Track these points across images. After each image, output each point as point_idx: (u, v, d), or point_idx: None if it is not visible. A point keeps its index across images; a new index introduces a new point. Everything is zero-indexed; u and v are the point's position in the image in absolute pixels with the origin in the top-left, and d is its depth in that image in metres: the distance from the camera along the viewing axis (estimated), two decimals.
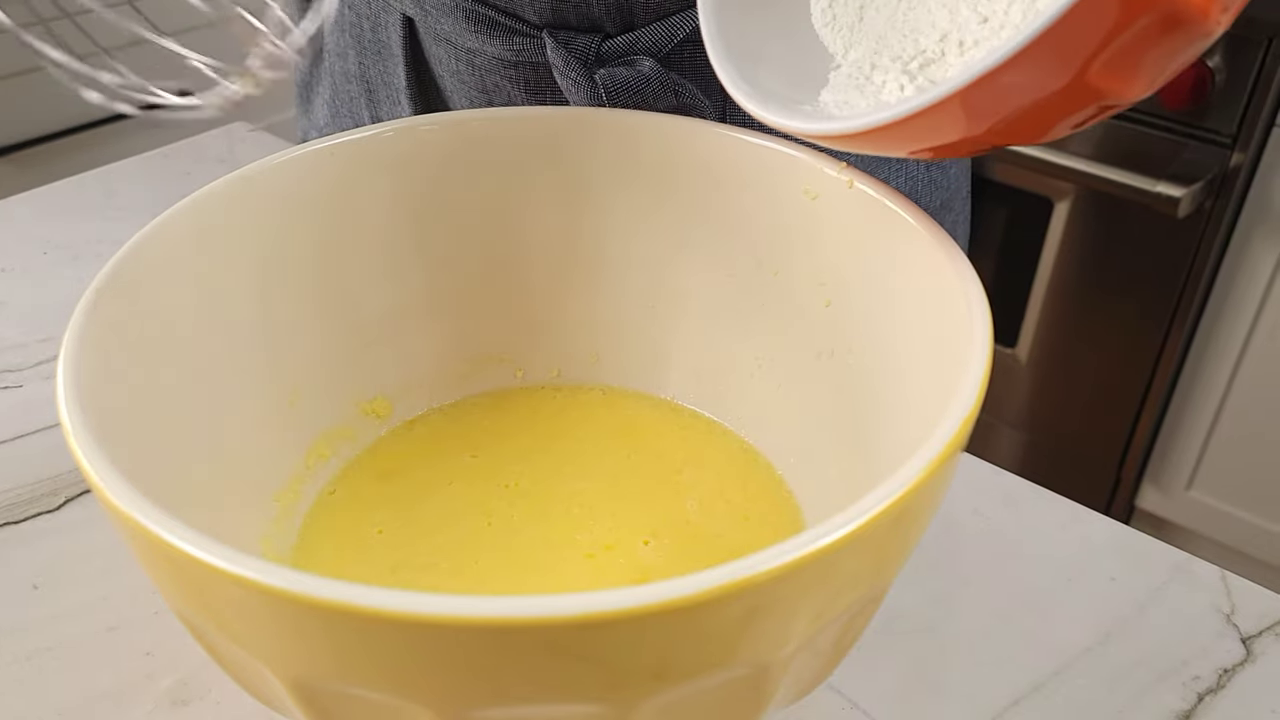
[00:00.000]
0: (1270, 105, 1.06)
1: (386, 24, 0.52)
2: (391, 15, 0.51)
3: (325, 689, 0.24)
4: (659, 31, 0.45)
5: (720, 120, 0.47)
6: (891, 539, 0.25)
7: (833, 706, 0.37)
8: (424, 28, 0.50)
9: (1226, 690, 0.37)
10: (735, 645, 0.23)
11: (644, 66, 0.45)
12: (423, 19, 0.49)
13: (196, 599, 0.24)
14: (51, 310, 0.58)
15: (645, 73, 0.45)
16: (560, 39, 0.46)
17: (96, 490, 0.24)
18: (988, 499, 0.45)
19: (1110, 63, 0.24)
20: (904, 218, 0.33)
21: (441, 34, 0.49)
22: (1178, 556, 0.43)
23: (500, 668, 0.22)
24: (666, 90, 0.45)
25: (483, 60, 0.49)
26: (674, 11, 0.46)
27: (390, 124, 0.39)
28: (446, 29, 0.48)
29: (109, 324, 0.30)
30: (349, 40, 0.55)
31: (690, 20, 0.46)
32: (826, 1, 0.35)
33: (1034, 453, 1.39)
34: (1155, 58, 0.24)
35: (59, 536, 0.43)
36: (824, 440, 0.38)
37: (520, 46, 0.47)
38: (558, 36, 0.46)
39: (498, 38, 0.47)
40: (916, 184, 0.54)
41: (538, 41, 0.46)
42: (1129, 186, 1.12)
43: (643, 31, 0.45)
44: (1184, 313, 1.19)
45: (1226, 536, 1.29)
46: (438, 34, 0.50)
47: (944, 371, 0.29)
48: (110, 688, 0.37)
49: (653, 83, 0.45)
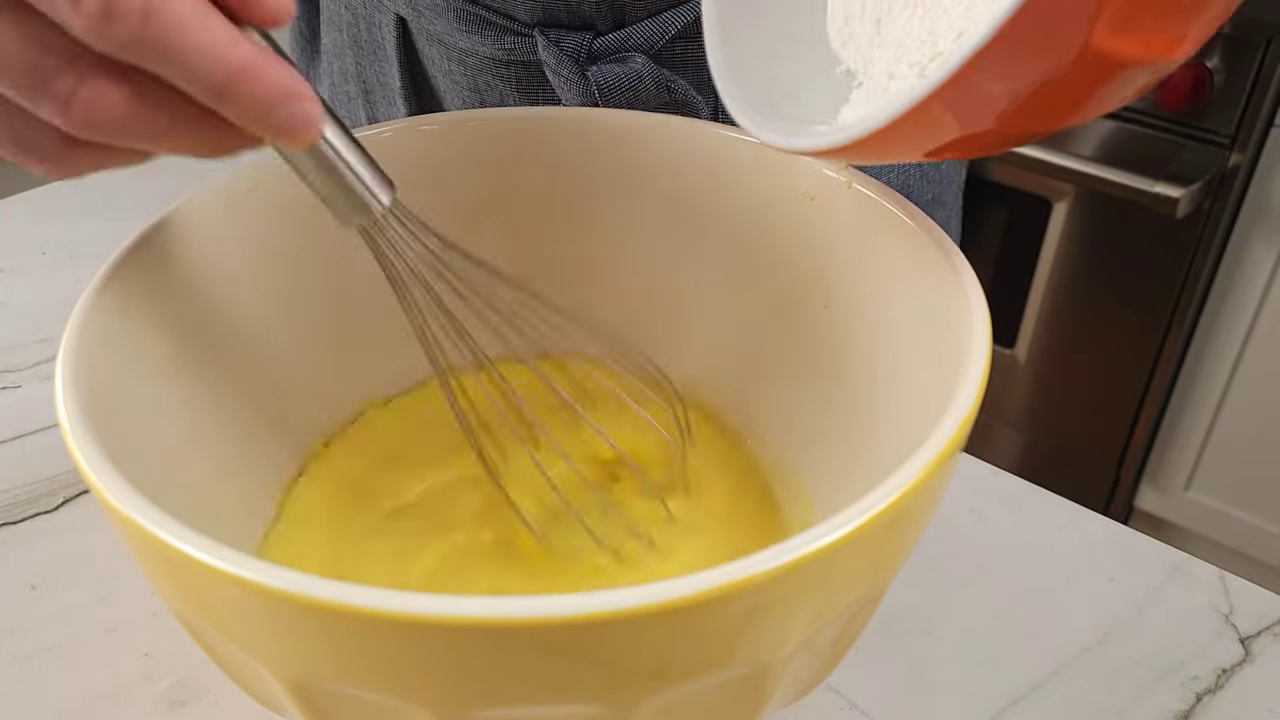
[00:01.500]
0: (1269, 105, 1.06)
1: (380, 24, 0.52)
2: (385, 15, 0.51)
3: (323, 689, 0.24)
4: (650, 28, 0.45)
5: (714, 116, 0.47)
6: (890, 539, 0.25)
7: (831, 706, 0.37)
8: (416, 28, 0.50)
9: (1225, 690, 0.37)
10: (734, 645, 0.23)
11: (636, 63, 0.45)
12: (415, 19, 0.49)
13: (194, 599, 0.24)
14: (50, 310, 0.58)
15: (638, 70, 0.45)
16: (552, 37, 0.46)
17: (95, 490, 0.24)
18: (986, 499, 0.45)
19: (1114, 24, 0.22)
20: (902, 218, 0.33)
21: (434, 34, 0.49)
22: (1176, 557, 0.43)
23: (498, 668, 0.22)
24: (660, 87, 0.45)
25: (475, 60, 0.49)
26: (666, 8, 0.45)
27: (389, 124, 0.39)
28: (439, 29, 0.48)
29: (107, 324, 0.30)
30: (346, 40, 0.55)
31: (682, 16, 0.46)
32: (842, 19, 0.34)
33: (1032, 453, 1.39)
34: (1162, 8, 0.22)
35: (57, 537, 0.43)
36: (823, 440, 0.38)
37: (512, 45, 0.47)
38: (549, 34, 0.46)
39: (490, 37, 0.47)
40: (909, 178, 0.54)
41: (529, 40, 0.46)
42: (1128, 187, 1.12)
43: (634, 28, 0.45)
44: (1183, 313, 1.19)
45: (1225, 537, 1.29)
46: (430, 34, 0.50)
47: (943, 372, 0.29)
48: (109, 688, 0.37)
49: (645, 80, 0.45)
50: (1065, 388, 1.33)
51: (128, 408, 0.29)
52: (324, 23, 0.57)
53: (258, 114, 0.24)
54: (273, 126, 0.25)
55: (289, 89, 0.24)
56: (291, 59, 0.26)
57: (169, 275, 0.33)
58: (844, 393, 0.37)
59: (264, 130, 0.25)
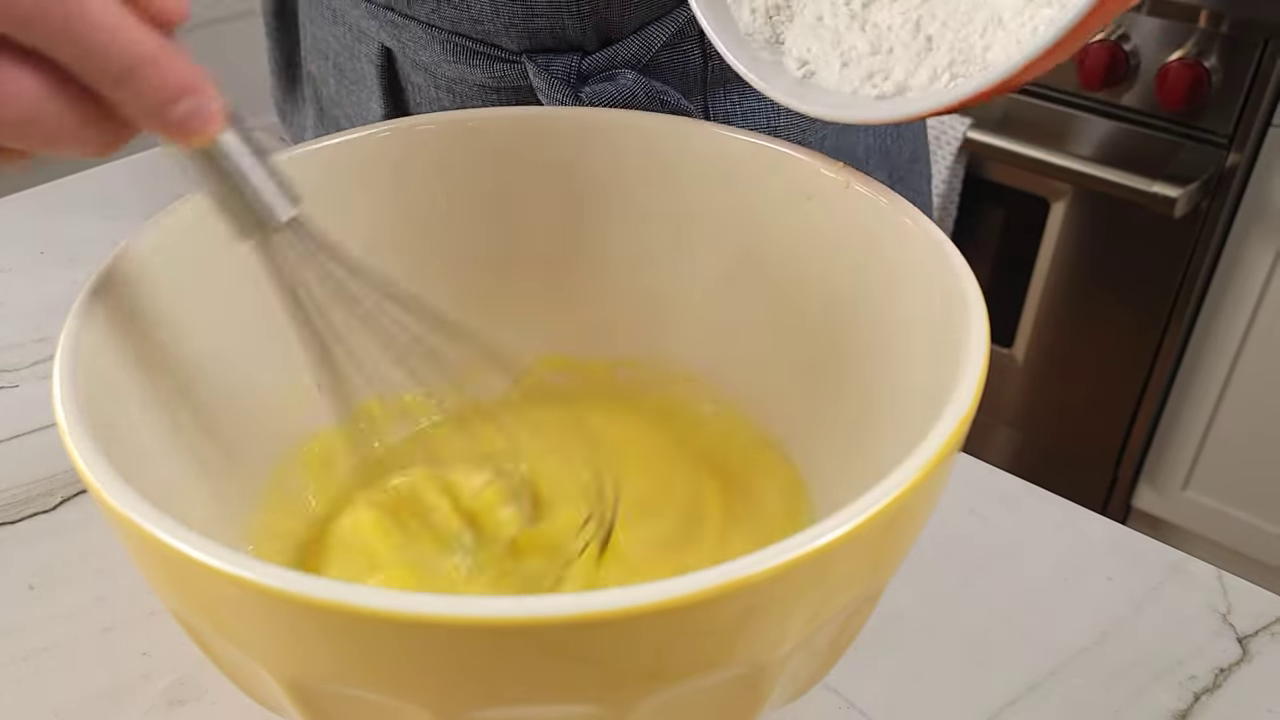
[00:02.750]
0: (1266, 105, 1.06)
1: (359, 54, 0.52)
2: (367, 45, 0.51)
3: (322, 689, 0.24)
4: (636, 43, 0.46)
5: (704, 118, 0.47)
6: (888, 539, 0.25)
7: (829, 706, 0.37)
8: (402, 57, 0.50)
9: (1223, 690, 0.37)
10: (732, 645, 0.23)
11: (627, 79, 0.45)
12: (401, 50, 0.49)
13: (193, 599, 0.24)
14: (48, 310, 0.58)
15: (629, 86, 0.45)
16: (540, 62, 0.46)
17: (92, 490, 0.24)
18: (984, 499, 0.45)
19: None
20: (901, 218, 0.33)
21: (421, 63, 0.49)
22: (1174, 556, 0.43)
23: (497, 668, 0.22)
24: (653, 100, 0.45)
25: (464, 88, 0.49)
26: (650, 20, 0.46)
27: (388, 124, 0.39)
28: (426, 59, 0.48)
29: (105, 324, 0.30)
30: (329, 68, 0.55)
31: (666, 28, 0.46)
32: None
33: (1030, 452, 1.39)
34: None
35: (55, 537, 0.43)
36: (821, 439, 0.38)
37: (502, 73, 0.47)
38: (537, 60, 0.46)
39: (479, 65, 0.47)
40: (885, 139, 0.53)
41: (519, 66, 0.47)
42: (1125, 187, 1.12)
43: (621, 45, 0.46)
44: (1180, 313, 1.19)
45: (1223, 536, 1.30)
46: (416, 63, 0.50)
47: (941, 371, 0.29)
48: (107, 688, 0.37)
49: (639, 95, 0.45)
50: (1063, 387, 1.33)
51: (126, 408, 0.29)
52: (306, 51, 0.57)
53: (156, 106, 0.24)
54: (170, 121, 0.25)
55: (190, 83, 0.24)
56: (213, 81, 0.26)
57: (167, 275, 0.33)
58: (841, 392, 0.37)
59: (161, 125, 0.25)
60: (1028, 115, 1.19)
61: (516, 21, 0.45)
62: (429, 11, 0.46)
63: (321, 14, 0.53)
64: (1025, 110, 1.19)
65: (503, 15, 0.45)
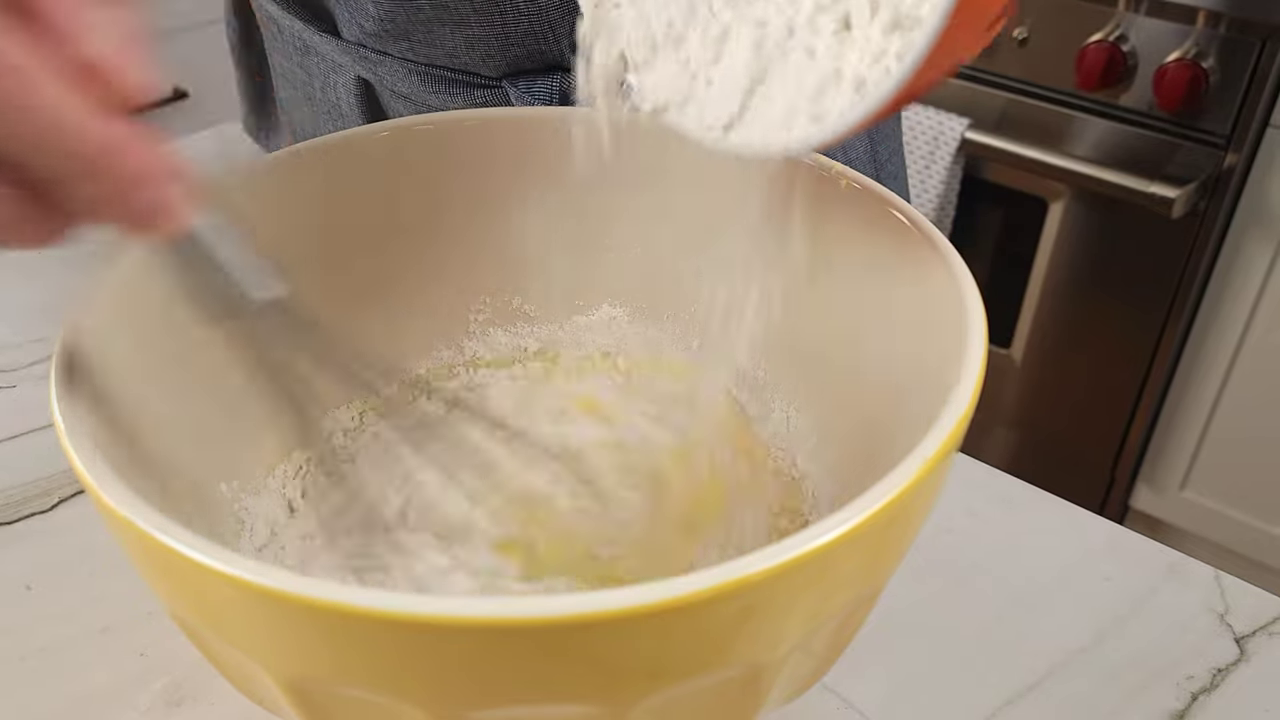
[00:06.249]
0: (1264, 106, 1.06)
1: (335, 84, 0.51)
2: (343, 76, 0.51)
3: (320, 690, 0.24)
4: None
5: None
6: (886, 539, 0.25)
7: (827, 706, 0.37)
8: (381, 87, 0.50)
9: (1220, 689, 0.37)
10: (730, 645, 0.23)
11: None
12: (379, 81, 0.49)
13: (190, 599, 0.24)
14: (45, 311, 0.57)
15: None
16: (521, 86, 0.45)
17: (90, 491, 0.24)
18: (982, 499, 0.45)
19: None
20: (899, 218, 0.33)
21: (400, 92, 0.49)
22: (1172, 556, 0.43)
23: (495, 668, 0.22)
24: None
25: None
26: None
27: (384, 124, 0.39)
28: (405, 89, 0.48)
29: (103, 324, 0.30)
30: (300, 97, 0.54)
31: None
32: None
33: (1028, 453, 1.40)
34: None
35: (52, 537, 0.43)
36: (819, 439, 0.38)
37: (484, 99, 0.47)
38: (518, 85, 0.46)
39: (459, 94, 0.47)
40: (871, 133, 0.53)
41: (500, 91, 0.46)
42: (1123, 187, 1.12)
43: None
44: (1178, 313, 1.19)
45: (1220, 536, 1.30)
46: (396, 92, 0.49)
47: (939, 372, 0.29)
48: (104, 688, 0.37)
49: None
50: (1061, 388, 1.33)
51: (123, 408, 0.29)
52: (276, 78, 0.56)
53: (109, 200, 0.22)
54: (128, 216, 0.22)
55: (149, 172, 0.22)
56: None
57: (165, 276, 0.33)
58: (839, 393, 0.37)
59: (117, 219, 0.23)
60: (1026, 116, 1.19)
61: (493, 52, 0.45)
62: (403, 49, 0.46)
63: (287, 45, 0.53)
64: (1023, 111, 1.20)
65: (478, 49, 0.45)
